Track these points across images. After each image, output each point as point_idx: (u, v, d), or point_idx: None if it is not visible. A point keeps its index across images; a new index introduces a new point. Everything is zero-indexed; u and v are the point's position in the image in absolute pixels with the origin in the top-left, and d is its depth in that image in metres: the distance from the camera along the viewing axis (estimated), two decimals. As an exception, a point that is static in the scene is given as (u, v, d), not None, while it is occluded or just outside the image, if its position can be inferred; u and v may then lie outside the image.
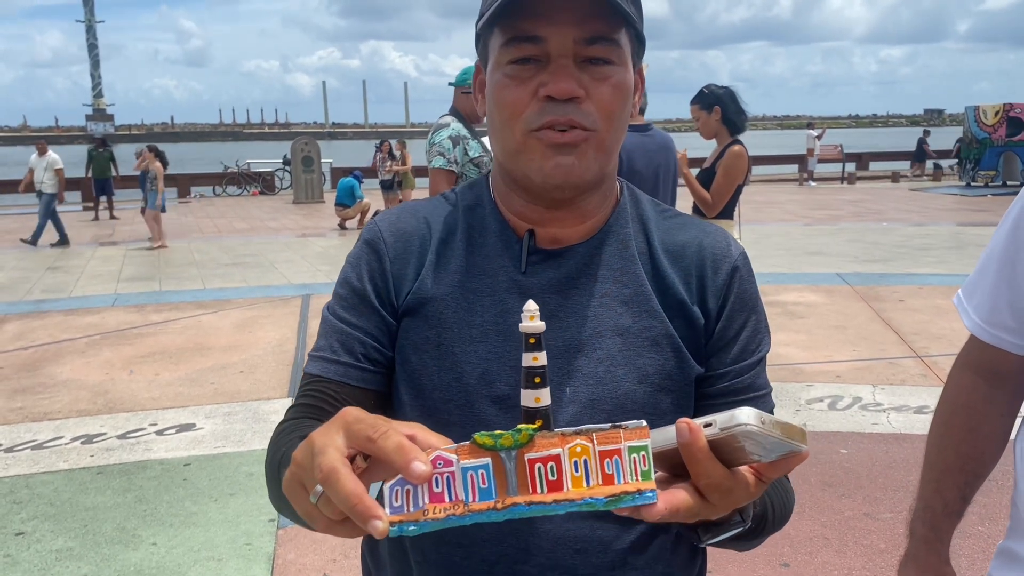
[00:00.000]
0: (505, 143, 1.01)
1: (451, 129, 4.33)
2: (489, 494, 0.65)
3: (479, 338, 1.02)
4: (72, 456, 4.71)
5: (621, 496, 0.67)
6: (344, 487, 0.62)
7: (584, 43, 0.95)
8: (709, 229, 1.11)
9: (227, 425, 5.13)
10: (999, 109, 22.18)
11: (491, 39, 1.01)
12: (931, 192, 22.01)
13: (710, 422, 0.71)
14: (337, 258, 12.26)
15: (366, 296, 1.06)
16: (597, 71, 0.96)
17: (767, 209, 17.82)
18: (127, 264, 11.94)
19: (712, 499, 0.74)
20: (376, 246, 1.08)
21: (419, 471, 0.62)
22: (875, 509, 3.81)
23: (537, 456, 0.66)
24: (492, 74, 1.01)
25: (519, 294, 1.02)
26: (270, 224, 17.52)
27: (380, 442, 0.64)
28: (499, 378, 1.00)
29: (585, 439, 0.67)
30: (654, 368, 1.02)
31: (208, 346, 7.10)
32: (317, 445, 0.66)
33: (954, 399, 1.37)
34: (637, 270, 1.05)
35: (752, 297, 1.09)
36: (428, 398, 1.02)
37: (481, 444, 0.66)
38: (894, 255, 11.25)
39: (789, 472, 0.75)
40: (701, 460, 0.71)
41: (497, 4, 0.94)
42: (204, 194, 25.82)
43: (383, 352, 1.05)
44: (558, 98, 0.95)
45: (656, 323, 1.03)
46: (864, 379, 5.76)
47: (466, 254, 1.06)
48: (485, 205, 1.10)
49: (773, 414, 0.94)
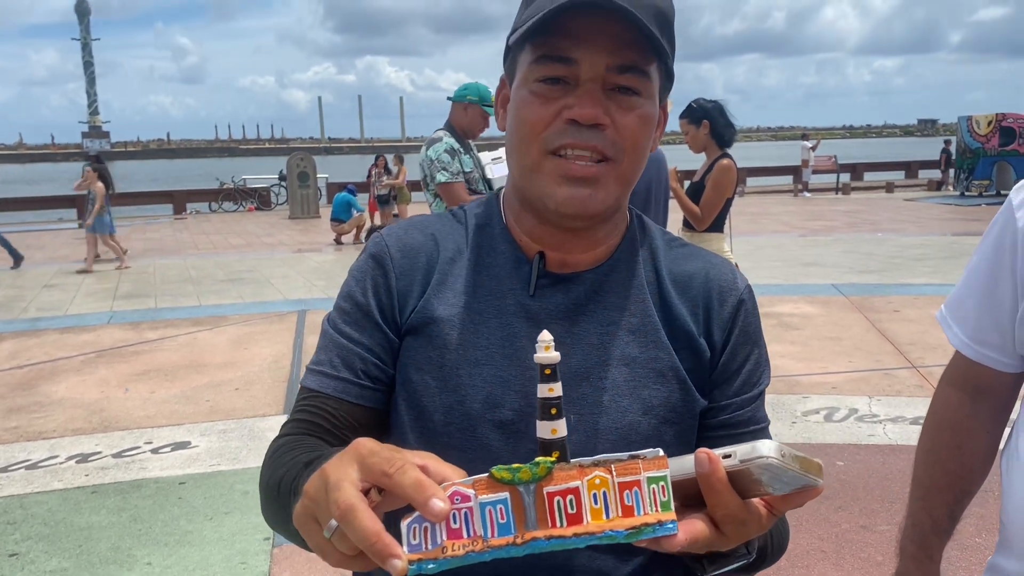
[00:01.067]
0: (521, 160, 1.00)
1: (445, 143, 4.39)
2: (508, 529, 0.64)
3: (484, 360, 1.00)
4: (67, 475, 4.69)
5: (642, 528, 0.67)
6: (362, 525, 0.61)
7: (616, 71, 0.94)
8: (715, 260, 1.10)
9: (222, 443, 5.12)
10: (992, 119, 22.29)
11: (521, 55, 0.99)
12: (925, 202, 22.08)
13: (730, 453, 0.71)
14: (333, 273, 12.26)
15: (369, 312, 1.04)
16: (624, 100, 0.96)
17: (762, 220, 17.86)
18: (123, 281, 11.92)
19: (726, 530, 0.74)
20: (382, 261, 1.06)
21: (438, 509, 0.61)
22: (872, 521, 3.81)
23: (556, 489, 0.66)
24: (518, 90, 1.00)
25: (526, 318, 1.01)
26: (266, 240, 17.52)
27: (397, 477, 0.63)
28: (503, 403, 0.98)
29: (604, 471, 0.67)
30: (659, 400, 1.01)
31: (203, 363, 7.08)
32: (332, 479, 0.64)
33: (940, 416, 1.36)
34: (645, 299, 1.04)
35: (756, 331, 1.09)
36: (429, 420, 1.00)
37: (499, 478, 0.65)
38: (889, 266, 11.27)
39: (801, 506, 0.75)
40: (719, 491, 0.71)
41: (534, 21, 0.92)
42: (200, 210, 25.82)
43: (384, 370, 1.03)
44: (582, 122, 0.94)
45: (663, 354, 1.02)
46: (860, 390, 5.76)
47: (474, 274, 1.04)
48: (495, 225, 1.08)
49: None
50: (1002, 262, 1.23)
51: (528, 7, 0.99)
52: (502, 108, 1.07)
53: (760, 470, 0.69)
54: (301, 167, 22.07)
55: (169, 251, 15.81)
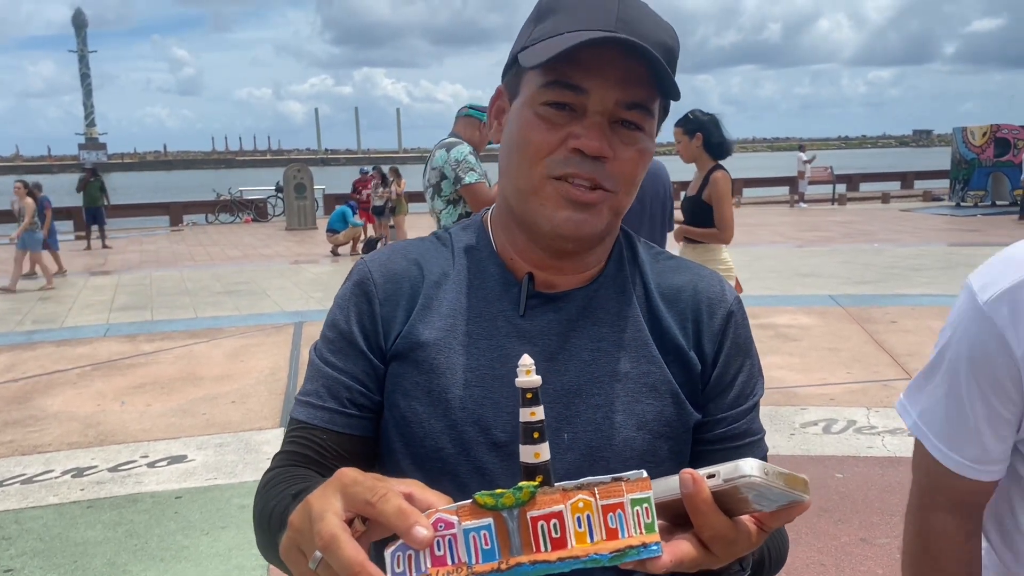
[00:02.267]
0: (519, 181, 0.99)
1: (467, 146, 4.28)
2: (492, 555, 0.64)
3: (475, 383, 0.99)
4: (62, 490, 4.66)
5: (626, 551, 0.66)
6: (345, 555, 0.61)
7: (624, 106, 0.94)
8: (703, 273, 1.10)
9: (219, 456, 5.09)
10: (987, 130, 22.38)
11: (529, 73, 0.98)
12: (921, 212, 22.12)
13: (713, 473, 0.70)
14: (330, 285, 12.24)
15: (353, 339, 1.04)
16: (627, 135, 0.96)
17: (758, 231, 17.88)
18: (119, 293, 11.90)
19: (715, 549, 0.73)
20: (365, 287, 1.06)
21: (421, 536, 0.61)
22: (872, 534, 3.79)
23: (540, 514, 0.66)
24: (522, 109, 0.99)
25: (517, 337, 1.01)
26: (263, 251, 17.51)
27: (380, 506, 0.63)
28: (496, 424, 0.98)
29: (587, 494, 0.67)
30: (653, 415, 1.01)
31: (200, 376, 7.06)
32: (315, 510, 0.65)
33: (920, 543, 1.27)
34: (635, 315, 1.05)
35: (747, 342, 1.08)
36: (420, 446, 0.99)
37: (482, 504, 0.65)
38: (886, 276, 11.28)
39: (791, 521, 0.75)
40: (705, 511, 0.71)
41: (557, 54, 0.91)
42: (196, 222, 25.83)
43: (370, 397, 1.03)
44: (587, 153, 0.94)
45: (654, 369, 1.02)
46: (858, 402, 5.75)
47: (461, 296, 1.04)
48: (482, 248, 1.08)
49: (767, 459, 0.93)
50: (980, 395, 1.13)
51: (539, 25, 0.98)
52: (496, 120, 1.07)
53: (745, 489, 0.69)
54: (298, 178, 22.09)
55: (165, 263, 15.79)
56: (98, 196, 18.78)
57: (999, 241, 14.91)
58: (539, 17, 1.00)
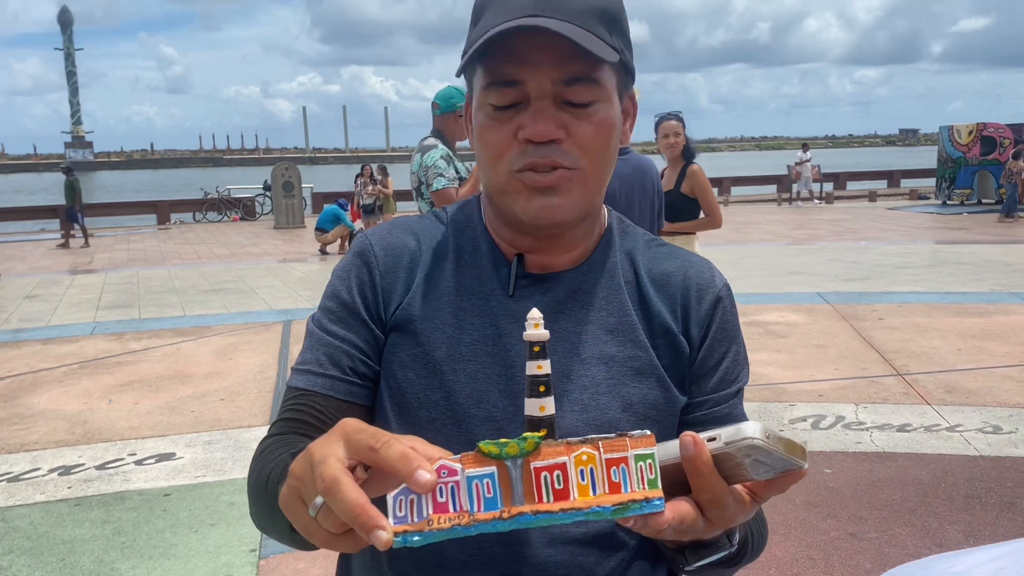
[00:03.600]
0: (491, 180, 1.01)
1: (440, 150, 4.38)
2: (495, 504, 0.64)
3: (469, 356, 1.01)
4: (49, 488, 4.63)
5: (629, 504, 0.66)
6: (347, 497, 0.61)
7: (563, 84, 0.94)
8: (694, 260, 1.11)
9: (207, 454, 5.07)
10: (973, 129, 22.51)
11: (475, 76, 1.00)
12: (908, 211, 22.23)
13: (715, 436, 0.71)
14: (319, 283, 12.20)
15: (355, 309, 1.05)
16: (579, 112, 0.96)
17: (747, 229, 17.94)
18: (106, 292, 11.84)
19: (710, 515, 0.74)
20: (367, 259, 1.07)
21: (424, 480, 0.61)
22: (861, 529, 3.81)
23: (543, 465, 0.66)
24: (476, 112, 1.01)
25: (506, 316, 1.02)
26: (251, 250, 17.45)
27: (383, 451, 0.62)
28: (488, 399, 1.00)
29: (591, 447, 0.67)
30: (638, 397, 1.02)
31: (188, 374, 7.03)
32: (316, 456, 0.64)
33: None
34: (623, 299, 1.06)
35: (734, 328, 1.10)
36: (414, 416, 1.01)
37: (486, 453, 0.65)
38: (873, 274, 11.33)
39: (785, 491, 0.75)
40: (704, 474, 0.71)
41: (476, 47, 0.93)
42: (184, 220, 25.73)
43: (371, 366, 1.04)
44: (537, 141, 0.94)
45: (641, 353, 1.03)
46: (846, 398, 5.78)
47: (457, 273, 1.06)
48: (476, 226, 1.09)
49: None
50: None
51: (475, 27, 1.00)
52: (468, 124, 1.08)
53: (744, 453, 0.69)
54: (286, 177, 22.03)
55: (153, 261, 15.72)
56: (70, 196, 18.63)
57: (984, 239, 15.04)
58: (475, 19, 1.01)
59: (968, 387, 5.91)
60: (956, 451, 4.72)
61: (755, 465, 0.71)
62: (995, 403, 5.54)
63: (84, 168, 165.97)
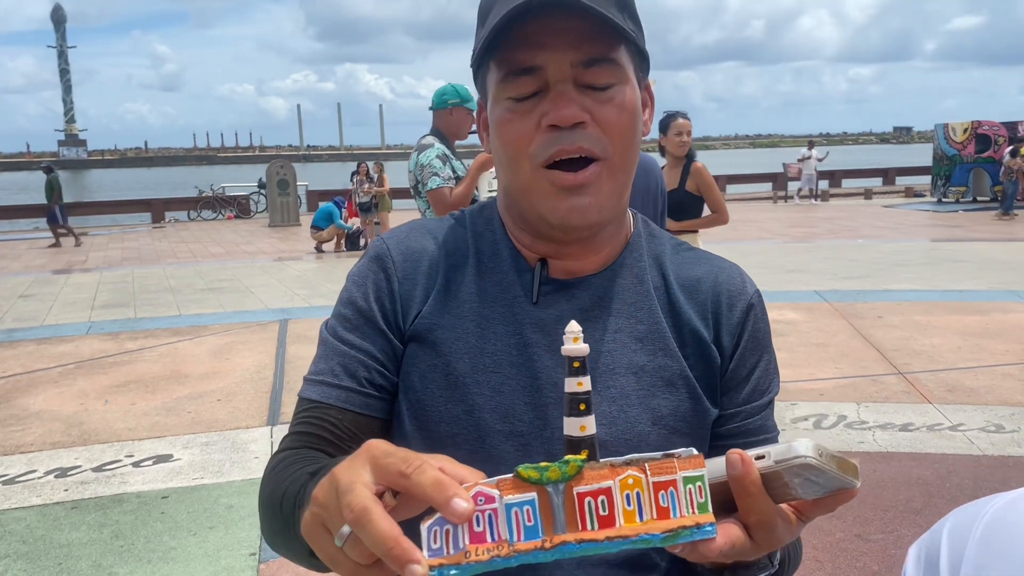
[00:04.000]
0: (514, 179, 0.97)
1: (436, 148, 4.37)
2: (535, 532, 0.60)
3: (492, 367, 0.96)
4: (46, 490, 4.58)
5: (679, 531, 0.62)
6: (378, 528, 0.56)
7: (582, 66, 0.91)
8: (723, 265, 1.07)
9: (205, 456, 5.02)
10: (968, 126, 22.54)
11: (488, 75, 0.97)
12: (904, 209, 22.25)
13: (763, 454, 0.67)
14: (315, 281, 12.16)
15: (372, 317, 1.00)
16: (600, 94, 0.92)
17: (743, 227, 17.92)
18: (101, 291, 11.77)
19: (757, 537, 0.70)
20: (384, 264, 1.02)
21: (461, 509, 0.57)
22: (866, 530, 3.78)
23: (587, 489, 0.61)
24: (493, 109, 0.97)
25: (531, 325, 0.98)
26: (246, 248, 17.38)
27: (415, 477, 0.58)
28: (513, 413, 0.95)
29: (637, 470, 0.62)
30: (669, 409, 0.97)
31: (185, 374, 6.98)
32: (342, 483, 0.60)
33: None
34: (652, 305, 1.01)
35: (765, 336, 1.05)
36: (434, 431, 0.96)
37: (526, 478, 0.60)
38: (871, 272, 11.32)
39: (833, 511, 0.71)
40: (753, 494, 0.67)
41: (487, 34, 0.90)
42: (178, 219, 25.65)
43: (388, 377, 0.99)
44: (562, 126, 0.91)
45: (671, 362, 0.99)
46: (848, 397, 5.75)
47: (477, 280, 1.01)
48: (496, 231, 1.05)
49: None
50: None
51: (483, 25, 0.96)
52: (485, 132, 1.04)
53: (794, 472, 0.65)
54: (281, 175, 21.95)
55: (148, 260, 15.64)
56: (49, 195, 18.45)
57: (981, 237, 15.04)
58: (481, 18, 0.98)
59: (969, 385, 5.89)
60: (959, 451, 4.70)
61: (805, 484, 0.67)
62: (996, 402, 5.52)
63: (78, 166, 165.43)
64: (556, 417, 0.95)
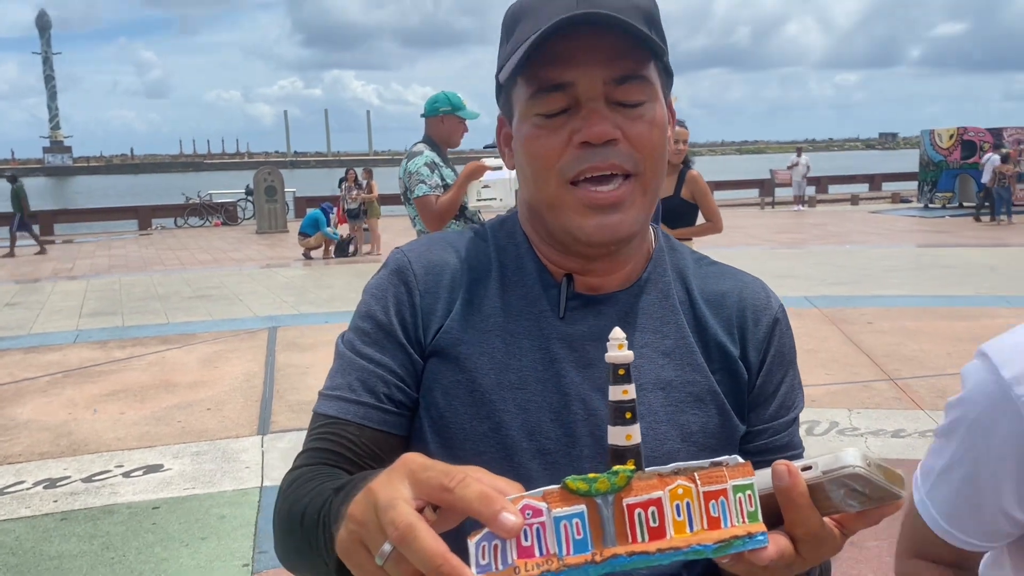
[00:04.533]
0: (540, 195, 0.95)
1: (425, 156, 4.37)
2: (585, 546, 0.59)
3: (519, 384, 0.95)
4: (34, 502, 4.54)
5: (731, 541, 0.61)
6: (425, 545, 0.55)
7: (614, 83, 0.90)
8: (747, 279, 1.06)
9: (196, 465, 4.99)
10: (954, 133, 22.73)
11: (515, 90, 0.95)
12: (890, 214, 22.37)
13: (810, 465, 0.66)
14: (303, 288, 12.12)
15: (392, 331, 0.98)
16: (630, 112, 0.92)
17: (732, 234, 17.94)
18: (88, 299, 11.69)
19: (803, 550, 0.68)
20: (405, 277, 1.00)
21: (510, 523, 0.55)
22: (860, 538, 3.78)
23: (636, 501, 0.60)
24: (520, 125, 0.95)
25: (558, 340, 0.96)
26: (233, 255, 17.31)
27: (459, 491, 0.57)
28: (540, 430, 0.93)
29: (686, 479, 0.62)
30: (698, 426, 0.96)
31: (174, 382, 6.93)
32: (382, 499, 0.59)
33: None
34: (679, 320, 1.00)
35: (791, 351, 1.05)
36: (460, 449, 0.94)
37: (574, 490, 0.59)
38: (860, 277, 11.37)
39: (878, 523, 0.69)
40: (801, 506, 0.66)
41: (522, 51, 0.88)
42: (165, 226, 25.55)
43: (408, 393, 0.97)
44: (594, 143, 0.90)
45: (699, 378, 0.98)
46: (840, 403, 5.76)
47: (501, 294, 0.99)
48: (520, 244, 1.03)
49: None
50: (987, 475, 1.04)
51: (509, 41, 0.95)
52: (507, 147, 1.03)
53: (840, 483, 0.64)
54: (268, 181, 21.88)
55: (135, 268, 15.55)
56: (16, 204, 18.25)
57: (967, 242, 15.14)
58: (507, 33, 0.97)
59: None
60: (951, 457, 4.71)
61: (851, 495, 0.66)
62: (987, 408, 5.53)
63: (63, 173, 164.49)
64: (584, 435, 0.94)
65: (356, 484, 0.71)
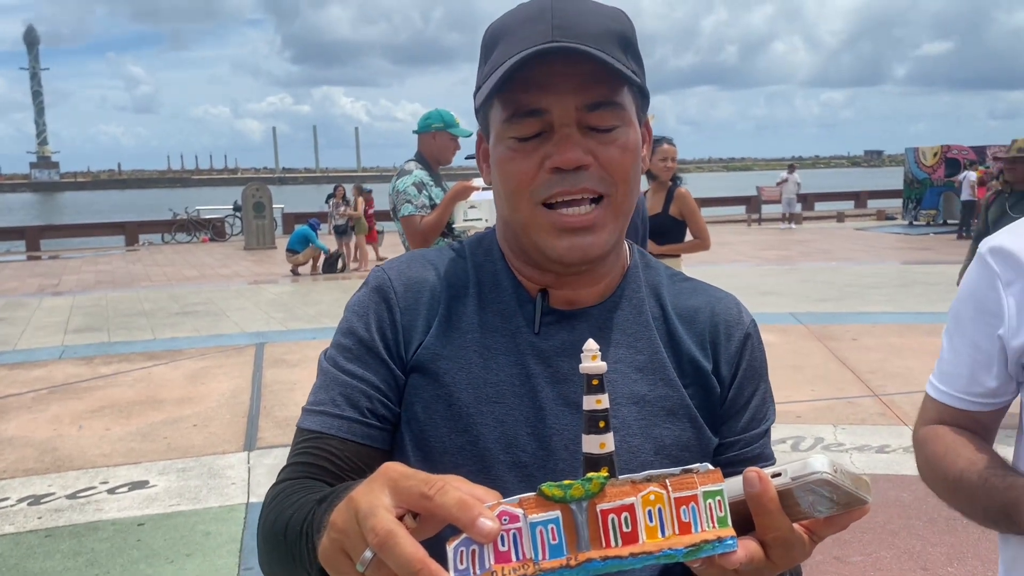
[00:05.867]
0: (514, 215, 0.98)
1: (414, 176, 4.39)
2: (560, 551, 0.60)
3: (495, 398, 0.97)
4: (18, 518, 4.51)
5: (701, 545, 0.63)
6: (405, 551, 0.57)
7: (586, 109, 0.92)
8: (720, 295, 1.09)
9: (181, 482, 4.97)
10: (938, 151, 22.94)
11: (492, 111, 0.98)
12: (876, 231, 22.53)
13: (779, 471, 0.68)
14: (291, 305, 12.10)
15: (374, 347, 1.00)
16: (603, 136, 0.94)
17: (718, 250, 18.03)
18: (74, 315, 11.64)
19: (773, 556, 0.70)
20: (386, 294, 1.02)
21: (487, 528, 0.57)
22: (845, 552, 3.80)
23: (610, 507, 0.62)
24: (496, 146, 0.98)
25: (533, 355, 0.99)
26: (221, 271, 17.27)
27: (439, 498, 0.59)
28: (517, 443, 0.96)
29: (658, 486, 0.64)
30: (671, 439, 0.98)
31: (160, 399, 6.91)
32: (363, 507, 0.60)
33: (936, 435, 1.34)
34: (652, 336, 1.02)
35: (762, 365, 1.07)
36: (438, 461, 0.96)
37: (549, 496, 0.61)
38: (845, 294, 11.44)
39: (846, 528, 0.72)
40: (772, 512, 0.68)
41: (496, 78, 0.91)
42: (152, 241, 25.46)
43: (390, 408, 0.99)
44: (565, 168, 0.92)
45: (672, 392, 1.00)
46: (824, 419, 5.80)
47: (479, 310, 1.02)
48: (496, 261, 1.05)
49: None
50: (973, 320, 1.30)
51: (487, 62, 0.98)
52: (485, 163, 1.05)
53: (809, 488, 0.67)
54: (256, 197, 21.86)
55: (122, 283, 15.49)
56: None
57: (952, 259, 15.21)
58: (486, 53, 0.99)
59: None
60: (935, 472, 4.74)
61: (819, 501, 0.68)
62: (971, 423, 5.57)
63: (50, 188, 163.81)
64: (559, 447, 0.96)
65: (338, 494, 0.73)
